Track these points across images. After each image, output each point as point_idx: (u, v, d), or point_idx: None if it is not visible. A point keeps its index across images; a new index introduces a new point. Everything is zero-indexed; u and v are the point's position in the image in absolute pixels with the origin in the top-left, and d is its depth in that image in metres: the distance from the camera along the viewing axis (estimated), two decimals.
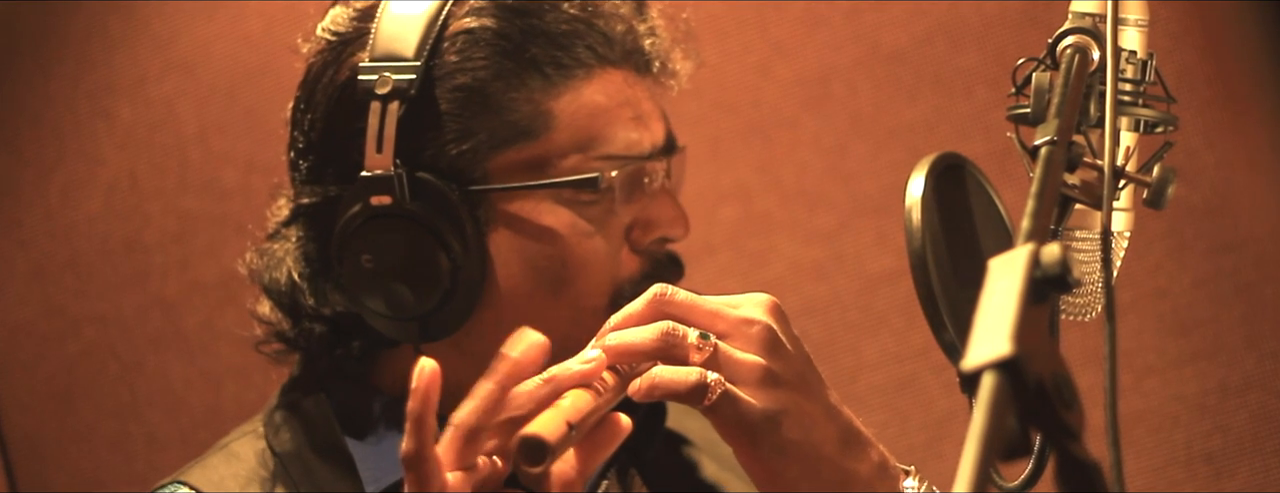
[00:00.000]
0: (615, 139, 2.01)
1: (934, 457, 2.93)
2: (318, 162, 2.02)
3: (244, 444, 2.05)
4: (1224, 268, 2.95)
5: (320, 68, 2.03)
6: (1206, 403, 2.95)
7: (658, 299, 1.71)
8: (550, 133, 2.00)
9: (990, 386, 1.20)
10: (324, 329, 2.03)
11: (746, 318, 1.71)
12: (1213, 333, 2.95)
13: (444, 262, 1.96)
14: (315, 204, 2.02)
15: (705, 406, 1.67)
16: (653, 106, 2.06)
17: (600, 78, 2.02)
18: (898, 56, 3.02)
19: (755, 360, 1.69)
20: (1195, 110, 2.91)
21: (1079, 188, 1.61)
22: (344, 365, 2.05)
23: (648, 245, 2.05)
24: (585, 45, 2.01)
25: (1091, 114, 1.64)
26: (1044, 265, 1.27)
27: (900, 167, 2.90)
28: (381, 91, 1.96)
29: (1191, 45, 2.93)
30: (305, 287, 2.02)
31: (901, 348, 3.01)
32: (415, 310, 1.97)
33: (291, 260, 2.03)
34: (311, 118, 2.03)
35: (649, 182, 2.04)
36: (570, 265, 2.00)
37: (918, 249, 1.61)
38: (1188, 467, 2.95)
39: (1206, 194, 2.94)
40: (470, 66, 1.98)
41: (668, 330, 1.68)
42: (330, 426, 2.03)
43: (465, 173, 1.98)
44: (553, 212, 2.00)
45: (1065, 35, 1.65)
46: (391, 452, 2.01)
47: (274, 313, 2.06)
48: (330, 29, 2.04)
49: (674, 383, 1.66)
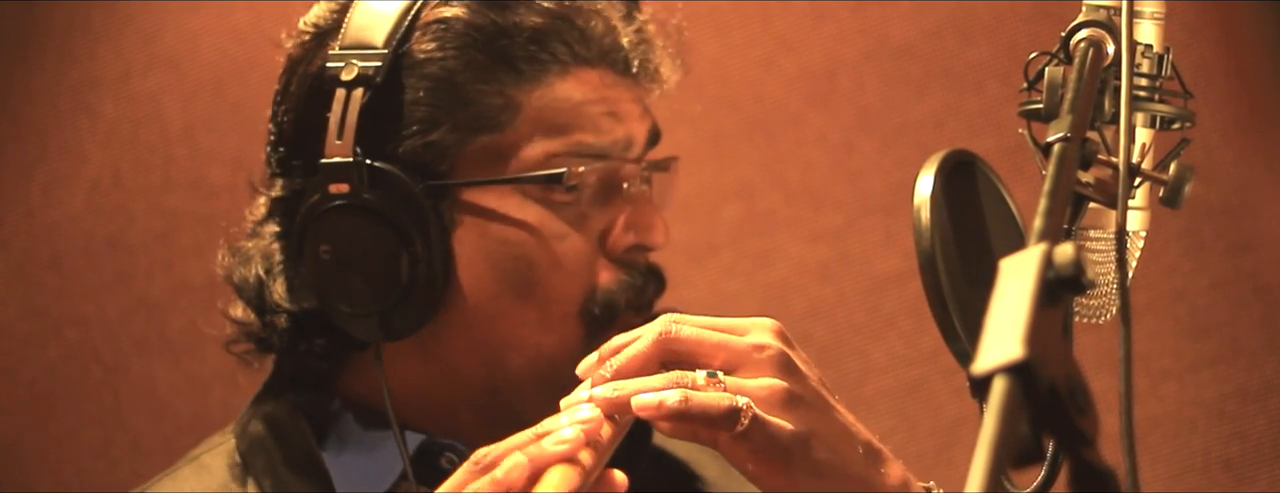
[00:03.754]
0: (585, 130, 2.00)
1: (944, 464, 2.93)
2: (287, 154, 2.02)
3: (214, 456, 2.05)
4: (1243, 268, 2.95)
5: (297, 59, 2.04)
6: (1225, 408, 2.95)
7: (663, 339, 1.71)
8: (517, 125, 1.98)
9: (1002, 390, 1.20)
10: (289, 325, 2.02)
11: (757, 344, 1.71)
12: (1231, 336, 2.95)
13: (403, 256, 1.95)
14: (284, 198, 2.02)
15: (738, 431, 1.67)
16: (633, 107, 2.04)
17: (576, 75, 2.00)
18: (906, 50, 3.02)
19: (776, 383, 1.69)
20: (1213, 106, 2.91)
21: (1093, 186, 1.61)
22: (310, 366, 2.05)
23: (624, 254, 2.03)
24: (562, 41, 1.99)
25: (1106, 110, 1.64)
26: (1057, 266, 1.27)
27: (908, 164, 2.90)
28: (346, 78, 1.96)
29: (1209, 39, 2.93)
30: (272, 283, 2.02)
31: (910, 351, 3.01)
32: (373, 306, 1.96)
33: (261, 257, 2.03)
34: (284, 108, 2.03)
35: (626, 185, 2.03)
36: (538, 267, 1.99)
37: (927, 249, 1.61)
38: (1206, 474, 2.95)
39: (1225, 192, 2.94)
40: (440, 56, 1.98)
41: (676, 383, 1.69)
42: (302, 434, 2.03)
43: (430, 165, 1.97)
44: (520, 209, 1.99)
45: (1079, 28, 1.65)
46: (363, 462, 2.01)
47: (246, 313, 2.06)
48: (311, 22, 2.05)
49: (706, 407, 1.66)
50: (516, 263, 1.99)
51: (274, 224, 2.04)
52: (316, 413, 2.04)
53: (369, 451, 2.02)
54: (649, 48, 2.07)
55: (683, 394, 1.67)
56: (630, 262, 2.03)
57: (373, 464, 2.01)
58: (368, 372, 2.02)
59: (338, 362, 2.05)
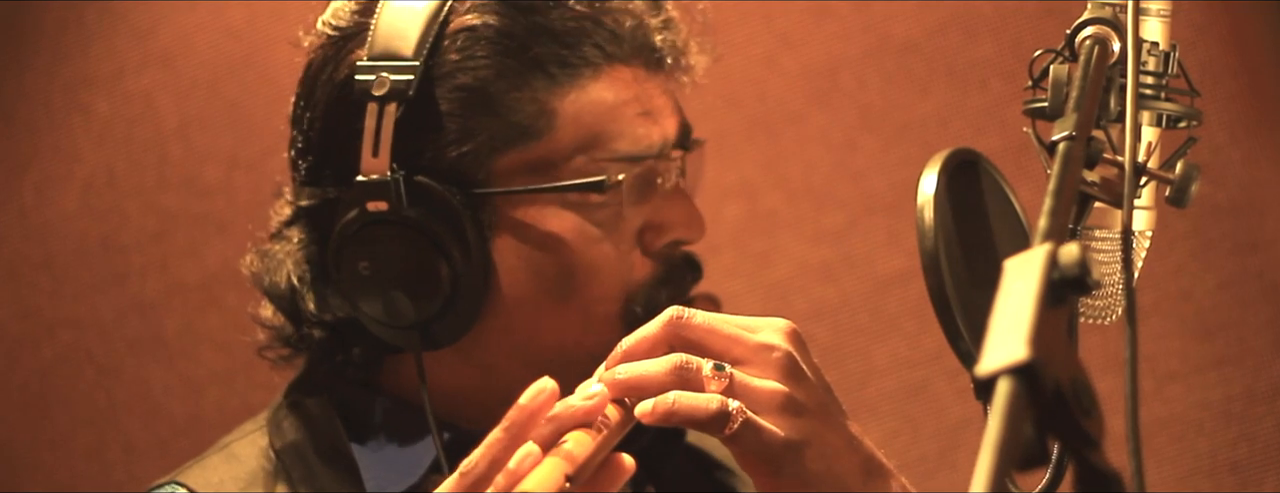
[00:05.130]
0: (623, 137, 2.01)
1: (948, 467, 2.93)
2: (316, 162, 2.03)
3: (245, 445, 2.06)
4: (1250, 269, 2.95)
5: (320, 64, 2.04)
6: (1232, 410, 2.95)
7: (673, 323, 1.70)
8: (554, 132, 1.99)
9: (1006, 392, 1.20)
10: (325, 335, 2.04)
11: (766, 344, 1.71)
12: (1238, 337, 2.95)
13: (444, 269, 1.96)
14: (314, 206, 2.03)
15: (726, 435, 1.67)
16: (665, 101, 2.06)
17: (608, 75, 2.01)
18: (909, 48, 3.02)
19: (776, 388, 1.69)
20: (1220, 104, 2.91)
21: (1098, 185, 1.61)
22: (347, 370, 2.06)
23: (660, 248, 2.05)
24: (592, 43, 2.00)
25: (1112, 108, 1.64)
26: (1062, 266, 1.27)
27: (912, 163, 2.90)
28: (378, 93, 1.96)
29: (1216, 37, 2.93)
30: (305, 291, 2.03)
31: (913, 353, 3.01)
32: (414, 318, 1.97)
33: (292, 264, 2.04)
34: (310, 117, 2.03)
35: (661, 181, 2.04)
36: (578, 272, 2.00)
37: (930, 249, 1.61)
38: (1212, 477, 2.95)
39: (1232, 192, 2.94)
40: (472, 66, 1.98)
41: (680, 365, 1.68)
42: (334, 428, 2.03)
43: (467, 176, 1.98)
44: (558, 216, 2.00)
45: (1084, 26, 1.65)
46: (395, 456, 2.02)
47: (276, 317, 2.06)
48: (330, 23, 2.04)
49: (693, 410, 1.66)
50: (556, 268, 2.00)
51: (302, 231, 2.04)
52: (351, 407, 2.05)
53: (400, 444, 2.03)
54: (677, 39, 2.08)
55: (672, 398, 1.66)
56: (667, 255, 2.05)
57: (403, 457, 2.02)
58: (405, 368, 2.04)
59: (376, 361, 2.06)
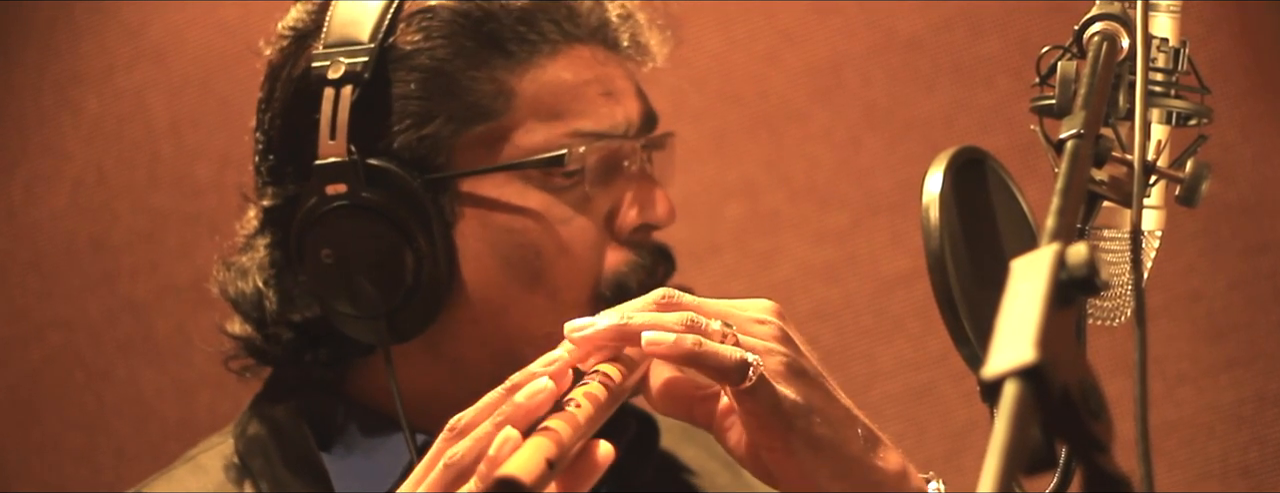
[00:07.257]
0: (584, 115, 2.01)
1: (953, 470, 2.92)
2: (278, 160, 2.03)
3: (211, 456, 2.06)
4: (1262, 269, 2.95)
5: (279, 64, 2.05)
6: (1243, 413, 2.95)
7: (666, 299, 1.70)
8: (513, 112, 2.00)
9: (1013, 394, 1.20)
10: (291, 336, 2.04)
11: (757, 318, 1.71)
12: (1249, 339, 2.95)
13: (407, 254, 1.96)
14: (278, 206, 2.03)
15: (744, 387, 1.66)
16: (627, 84, 2.06)
17: (567, 54, 2.02)
18: (914, 44, 3.02)
19: (783, 350, 1.69)
20: (1231, 102, 2.91)
21: (1107, 184, 1.61)
22: (314, 374, 2.06)
23: (631, 235, 2.04)
24: (550, 20, 2.01)
25: (1120, 105, 1.64)
26: (1070, 267, 1.27)
27: (917, 161, 2.90)
28: (333, 76, 1.97)
29: (1227, 32, 2.93)
30: (270, 292, 2.03)
31: (918, 355, 3.02)
32: (380, 307, 1.96)
33: (257, 269, 2.04)
34: (271, 116, 2.04)
35: (628, 164, 2.04)
36: (545, 254, 2.00)
37: (936, 249, 1.61)
38: (1223, 480, 2.95)
39: (1243, 191, 2.94)
40: (428, 46, 1.99)
41: (692, 319, 1.67)
42: (302, 437, 2.03)
43: (427, 159, 1.98)
44: (522, 196, 2.00)
45: (1093, 21, 1.65)
46: (364, 464, 2.02)
47: (243, 328, 2.06)
48: (288, 26, 2.06)
49: (717, 355, 1.65)
50: (522, 251, 2.00)
51: (269, 234, 2.04)
52: (319, 416, 2.05)
53: (371, 452, 2.03)
54: (635, 21, 2.08)
55: (696, 338, 1.66)
56: (638, 242, 2.05)
57: (374, 466, 2.02)
58: (372, 374, 2.04)
59: (342, 366, 2.06)
